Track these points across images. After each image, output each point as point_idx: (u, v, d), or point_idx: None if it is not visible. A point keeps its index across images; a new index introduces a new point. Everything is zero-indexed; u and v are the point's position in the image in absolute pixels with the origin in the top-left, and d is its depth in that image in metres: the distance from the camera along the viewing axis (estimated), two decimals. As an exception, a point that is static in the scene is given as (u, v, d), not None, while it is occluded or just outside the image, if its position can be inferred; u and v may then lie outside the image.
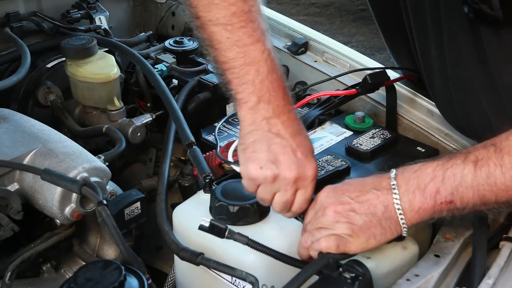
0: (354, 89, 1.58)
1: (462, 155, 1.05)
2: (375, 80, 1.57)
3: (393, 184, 1.07)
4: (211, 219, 1.09)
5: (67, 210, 1.27)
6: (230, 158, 1.26)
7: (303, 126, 1.15)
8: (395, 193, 1.06)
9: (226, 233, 1.09)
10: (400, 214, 1.06)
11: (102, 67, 1.70)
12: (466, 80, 1.31)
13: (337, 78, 1.74)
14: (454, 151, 1.52)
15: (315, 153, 1.47)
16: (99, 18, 1.98)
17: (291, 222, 1.23)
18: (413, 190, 1.05)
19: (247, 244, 1.08)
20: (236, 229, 1.16)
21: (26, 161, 1.32)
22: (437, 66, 1.37)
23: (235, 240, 1.09)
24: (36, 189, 1.28)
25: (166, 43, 1.93)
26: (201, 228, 1.09)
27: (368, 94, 1.66)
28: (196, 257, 1.12)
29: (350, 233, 1.06)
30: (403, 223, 1.06)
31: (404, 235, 1.08)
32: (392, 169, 1.10)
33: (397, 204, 1.06)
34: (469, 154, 1.04)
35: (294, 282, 1.01)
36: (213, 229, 1.09)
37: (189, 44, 1.93)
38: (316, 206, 1.12)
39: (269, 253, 1.09)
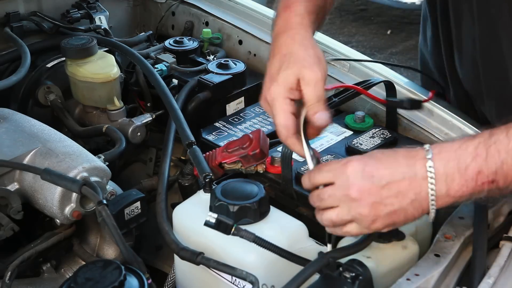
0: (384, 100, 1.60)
1: (504, 130, 0.98)
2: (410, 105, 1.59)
3: (430, 167, 0.99)
4: (218, 215, 1.09)
5: (67, 209, 1.27)
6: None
7: None
8: (431, 178, 0.99)
9: (233, 230, 1.08)
10: (432, 200, 1.00)
11: (102, 67, 1.70)
12: (495, 44, 1.29)
13: (337, 78, 1.74)
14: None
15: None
16: (99, 18, 1.98)
17: (291, 221, 1.23)
18: (452, 173, 0.98)
19: (253, 241, 1.08)
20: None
21: (26, 160, 1.32)
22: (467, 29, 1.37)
23: (241, 237, 1.08)
24: (36, 189, 1.28)
25: (166, 43, 1.93)
26: (207, 224, 1.09)
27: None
28: (196, 257, 1.12)
29: (370, 223, 1.02)
30: (432, 209, 1.01)
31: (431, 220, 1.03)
32: (425, 146, 1.02)
33: (432, 190, 0.99)
34: (510, 127, 0.97)
35: (294, 281, 1.01)
36: (220, 226, 1.08)
37: (189, 44, 1.93)
38: (341, 177, 1.03)
39: (276, 251, 1.09)
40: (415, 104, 1.57)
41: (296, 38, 1.19)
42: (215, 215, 1.08)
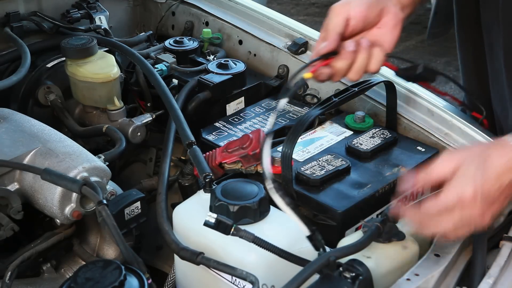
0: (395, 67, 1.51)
1: None
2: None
3: None
4: (218, 215, 1.09)
5: (67, 209, 1.27)
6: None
7: None
8: None
9: (232, 230, 1.08)
10: None
11: (102, 67, 1.70)
12: None
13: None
14: (454, 151, 1.52)
15: (315, 153, 1.48)
16: (99, 18, 1.98)
17: (291, 221, 1.23)
18: None
19: (253, 241, 1.08)
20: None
21: (26, 160, 1.32)
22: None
23: (240, 237, 1.08)
24: (36, 189, 1.28)
25: (166, 43, 1.93)
26: (206, 224, 1.08)
27: (368, 94, 1.66)
28: (196, 257, 1.12)
29: (479, 224, 1.07)
30: None
31: None
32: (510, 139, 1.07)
33: None
34: None
35: (294, 281, 1.01)
36: (219, 226, 1.08)
37: (189, 44, 1.93)
38: (463, 213, 1.05)
39: (275, 251, 1.09)
40: (430, 74, 1.45)
41: None
42: (215, 215, 1.08)
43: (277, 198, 1.07)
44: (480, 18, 1.56)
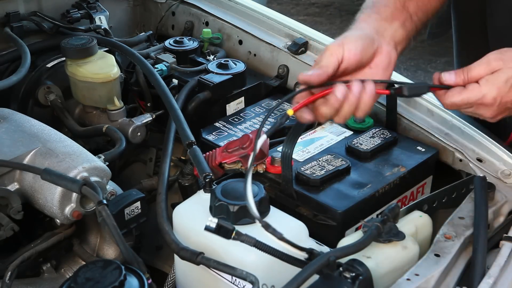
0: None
1: None
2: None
3: None
4: (218, 220, 1.08)
5: (67, 209, 1.27)
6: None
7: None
8: None
9: (233, 234, 1.08)
10: None
11: (102, 67, 1.70)
12: None
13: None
14: (454, 151, 1.52)
15: (315, 153, 1.48)
16: (99, 18, 1.98)
17: (291, 221, 1.23)
18: None
19: (254, 245, 1.07)
20: (236, 228, 1.17)
21: (26, 160, 1.32)
22: None
23: (242, 241, 1.07)
24: (36, 189, 1.28)
25: (166, 43, 1.93)
26: (207, 229, 1.08)
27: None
28: (196, 257, 1.12)
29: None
30: None
31: None
32: None
33: None
34: None
35: (294, 281, 1.01)
36: (220, 230, 1.08)
37: (189, 44, 1.93)
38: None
39: (277, 255, 1.08)
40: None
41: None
42: (216, 220, 1.08)
43: (269, 235, 1.07)
44: (484, 24, 1.56)
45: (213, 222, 1.08)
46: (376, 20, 1.30)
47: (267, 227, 1.06)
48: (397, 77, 1.68)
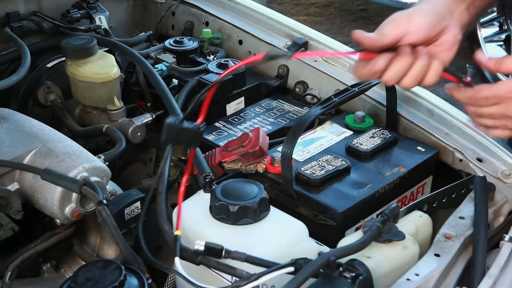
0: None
1: None
2: None
3: None
4: (206, 242, 1.08)
5: (67, 209, 1.27)
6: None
7: None
8: None
9: (223, 253, 1.08)
10: None
11: (102, 67, 1.71)
12: None
13: (338, 78, 1.74)
14: (454, 151, 1.52)
15: (315, 153, 1.48)
16: (99, 18, 1.98)
17: (291, 221, 1.23)
18: None
19: (246, 260, 1.07)
20: (236, 228, 1.17)
21: (26, 160, 1.32)
22: None
23: (233, 258, 1.08)
24: (36, 189, 1.28)
25: (166, 42, 1.93)
26: (197, 253, 1.09)
27: (368, 94, 1.66)
28: (196, 257, 1.12)
29: None
30: None
31: None
32: None
33: None
34: None
35: (294, 281, 1.01)
36: (209, 251, 1.08)
37: (189, 44, 1.93)
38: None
39: (269, 268, 1.07)
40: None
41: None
42: (203, 242, 1.08)
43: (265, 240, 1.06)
44: None
45: (201, 245, 1.08)
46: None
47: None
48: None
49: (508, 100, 1.15)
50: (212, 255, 1.08)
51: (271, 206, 1.23)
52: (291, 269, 1.04)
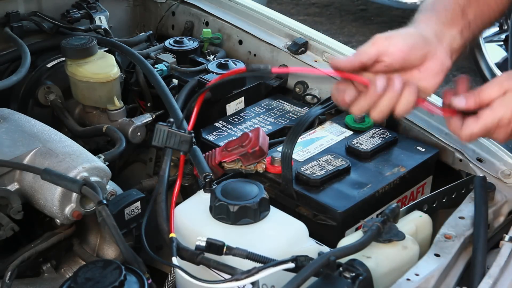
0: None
1: None
2: None
3: None
4: (207, 238, 1.08)
5: (67, 209, 1.27)
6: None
7: None
8: None
9: (225, 250, 1.08)
10: None
11: (102, 67, 1.70)
12: None
13: (338, 78, 1.74)
14: (454, 151, 1.52)
15: (315, 153, 1.48)
16: (99, 18, 1.98)
17: (291, 221, 1.23)
18: None
19: (247, 257, 1.07)
20: (236, 228, 1.17)
21: (26, 160, 1.32)
22: None
23: (234, 255, 1.08)
24: (36, 189, 1.28)
25: (166, 42, 1.93)
26: (198, 248, 1.08)
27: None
28: (196, 257, 1.12)
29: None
30: None
31: None
32: None
33: None
34: None
35: (294, 281, 1.01)
36: (211, 248, 1.08)
37: (189, 44, 1.93)
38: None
39: (270, 264, 1.07)
40: None
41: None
42: (204, 238, 1.08)
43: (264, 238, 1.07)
44: None
45: (202, 241, 1.08)
46: (436, 24, 1.19)
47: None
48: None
49: (495, 130, 1.12)
50: (213, 252, 1.08)
51: (271, 206, 1.23)
52: (292, 265, 1.04)
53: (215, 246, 1.08)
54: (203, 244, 1.08)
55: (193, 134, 1.23)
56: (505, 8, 1.30)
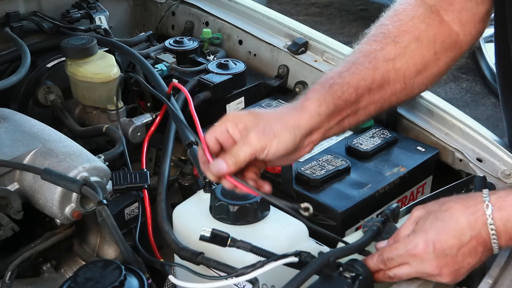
0: None
1: None
2: None
3: (491, 225, 1.03)
4: (213, 229, 1.08)
5: (67, 209, 1.27)
6: None
7: None
8: (493, 235, 1.03)
9: (229, 241, 1.08)
10: (495, 244, 1.04)
11: (102, 67, 1.70)
12: None
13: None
14: (454, 151, 1.52)
15: (315, 153, 1.48)
16: (99, 18, 1.98)
17: (291, 221, 1.23)
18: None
19: (251, 251, 1.07)
20: (236, 228, 1.17)
21: (26, 160, 1.32)
22: None
23: (238, 247, 1.07)
24: (36, 189, 1.28)
25: (166, 42, 1.93)
26: (202, 238, 1.08)
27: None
28: (196, 257, 1.12)
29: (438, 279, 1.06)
30: (496, 248, 1.05)
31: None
32: (484, 195, 1.04)
33: (494, 241, 1.04)
34: None
35: (294, 281, 1.01)
36: (215, 239, 1.08)
37: (189, 44, 1.93)
38: (415, 261, 1.05)
39: (274, 259, 1.08)
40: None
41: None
42: (210, 229, 1.08)
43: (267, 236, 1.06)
44: None
45: (207, 231, 1.08)
46: (318, 114, 1.12)
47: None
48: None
49: (413, 257, 1.05)
50: (217, 243, 1.08)
51: (271, 206, 1.23)
52: (295, 259, 1.04)
53: (219, 237, 1.07)
54: (208, 234, 1.08)
55: (147, 170, 1.36)
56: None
